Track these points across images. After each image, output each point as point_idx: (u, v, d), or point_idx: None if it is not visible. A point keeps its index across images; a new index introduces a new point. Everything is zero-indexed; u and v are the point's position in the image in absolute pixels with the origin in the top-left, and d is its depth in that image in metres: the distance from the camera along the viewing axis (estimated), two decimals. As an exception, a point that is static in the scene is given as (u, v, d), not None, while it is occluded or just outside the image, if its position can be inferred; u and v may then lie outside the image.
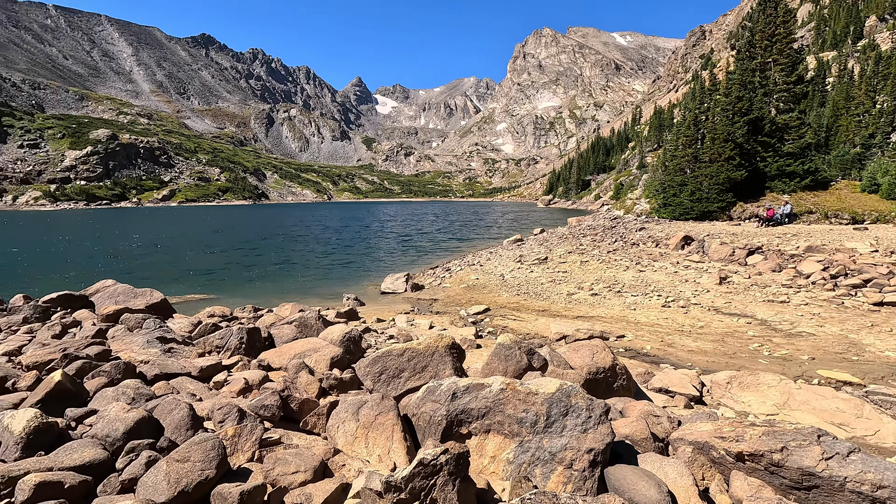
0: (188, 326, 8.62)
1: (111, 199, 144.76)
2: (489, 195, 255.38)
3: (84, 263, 24.68)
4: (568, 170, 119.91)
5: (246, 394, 5.23)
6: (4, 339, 7.50)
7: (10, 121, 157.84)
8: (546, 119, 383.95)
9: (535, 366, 5.12)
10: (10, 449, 3.44)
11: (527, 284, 15.92)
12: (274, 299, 15.04)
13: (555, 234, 31.66)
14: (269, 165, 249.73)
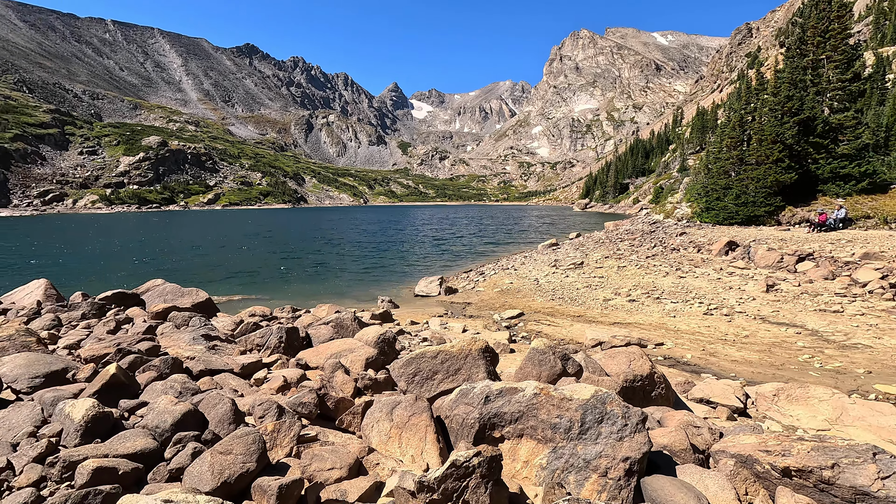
0: (231, 325, 8.96)
1: (161, 202, 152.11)
2: (524, 199, 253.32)
3: (135, 263, 26.03)
4: (605, 173, 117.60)
5: (284, 391, 5.39)
6: (65, 333, 8.01)
7: (72, 129, 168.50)
8: (583, 122, 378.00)
9: (570, 371, 5.06)
10: (71, 435, 3.68)
11: (562, 289, 15.71)
12: (311, 300, 15.42)
13: (591, 239, 31.09)
14: (308, 170, 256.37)
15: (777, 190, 28.37)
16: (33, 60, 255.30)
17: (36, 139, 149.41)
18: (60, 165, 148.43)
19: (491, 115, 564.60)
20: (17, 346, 6.19)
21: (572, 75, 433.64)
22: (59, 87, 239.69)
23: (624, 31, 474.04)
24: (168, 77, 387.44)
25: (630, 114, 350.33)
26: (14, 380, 5.04)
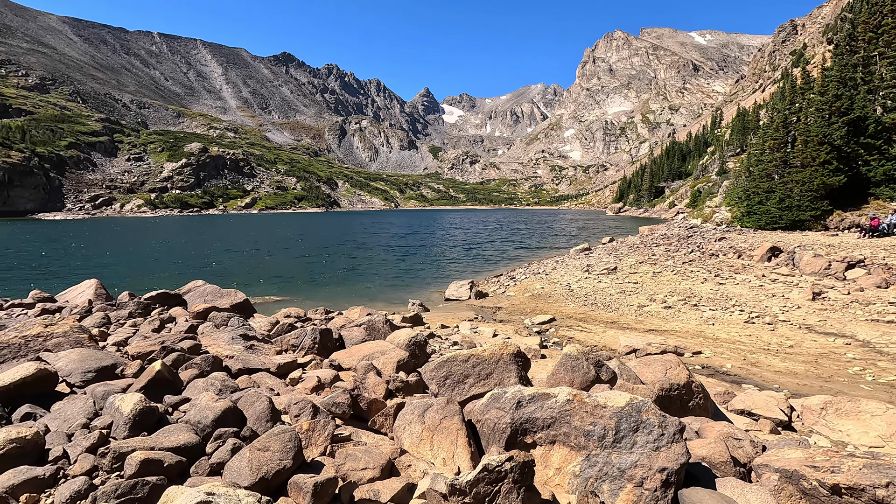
0: (267, 325, 9.21)
1: (201, 206, 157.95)
2: (555, 203, 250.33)
3: (177, 265, 27.11)
4: (640, 176, 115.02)
5: (318, 391, 5.51)
6: (114, 331, 8.42)
7: (121, 137, 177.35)
8: (616, 124, 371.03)
9: (604, 378, 4.97)
10: (120, 428, 3.87)
11: (594, 295, 15.44)
12: (344, 302, 15.68)
13: (625, 244, 30.44)
14: (341, 175, 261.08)
15: (824, 193, 27.09)
16: (86, 72, 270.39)
17: (88, 147, 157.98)
18: (110, 171, 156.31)
19: (522, 118, 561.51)
20: (72, 342, 6.55)
21: (606, 77, 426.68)
22: (110, 98, 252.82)
23: (660, 31, 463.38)
24: (209, 86, 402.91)
25: (666, 116, 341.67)
26: (69, 374, 5.34)
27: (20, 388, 4.57)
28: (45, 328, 6.79)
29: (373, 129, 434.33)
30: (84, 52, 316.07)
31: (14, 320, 8.88)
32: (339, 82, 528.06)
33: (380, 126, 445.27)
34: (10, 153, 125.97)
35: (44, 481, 3.30)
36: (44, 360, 5.59)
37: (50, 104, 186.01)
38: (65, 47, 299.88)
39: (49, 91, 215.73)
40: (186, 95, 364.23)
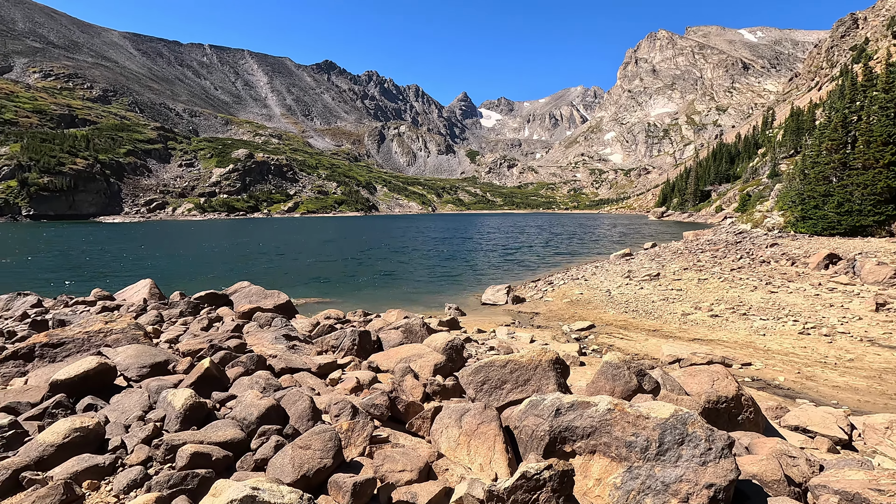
0: (308, 326, 9.45)
1: (246, 210, 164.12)
2: (595, 207, 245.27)
3: (224, 266, 28.25)
4: (684, 179, 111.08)
5: (357, 392, 5.60)
6: (166, 328, 8.86)
7: (174, 144, 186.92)
8: (659, 126, 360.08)
9: (646, 388, 4.82)
10: (172, 421, 4.07)
11: (636, 302, 15.01)
12: (381, 305, 15.90)
13: (668, 249, 29.46)
14: (380, 179, 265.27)
15: (889, 197, 25.34)
16: (144, 84, 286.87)
17: (144, 154, 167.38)
18: (163, 177, 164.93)
19: (561, 121, 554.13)
20: (128, 338, 6.94)
21: (648, 78, 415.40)
22: (164, 107, 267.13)
23: (706, 29, 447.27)
24: (255, 94, 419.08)
25: (713, 116, 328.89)
26: (126, 368, 5.65)
27: (83, 381, 4.88)
28: (105, 325, 7.22)
29: (411, 133, 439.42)
30: (142, 64, 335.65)
31: (78, 316, 9.49)
32: (379, 88, 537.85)
33: (418, 131, 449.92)
34: (77, 160, 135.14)
35: (104, 469, 3.50)
36: (104, 355, 5.95)
37: (111, 114, 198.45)
38: (125, 61, 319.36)
39: (111, 102, 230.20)
40: (234, 104, 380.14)
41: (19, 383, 5.72)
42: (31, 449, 3.61)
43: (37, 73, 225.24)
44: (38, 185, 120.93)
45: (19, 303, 11.13)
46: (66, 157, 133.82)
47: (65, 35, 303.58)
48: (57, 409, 4.45)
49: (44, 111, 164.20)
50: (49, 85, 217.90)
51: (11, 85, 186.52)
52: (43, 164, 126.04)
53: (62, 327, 7.94)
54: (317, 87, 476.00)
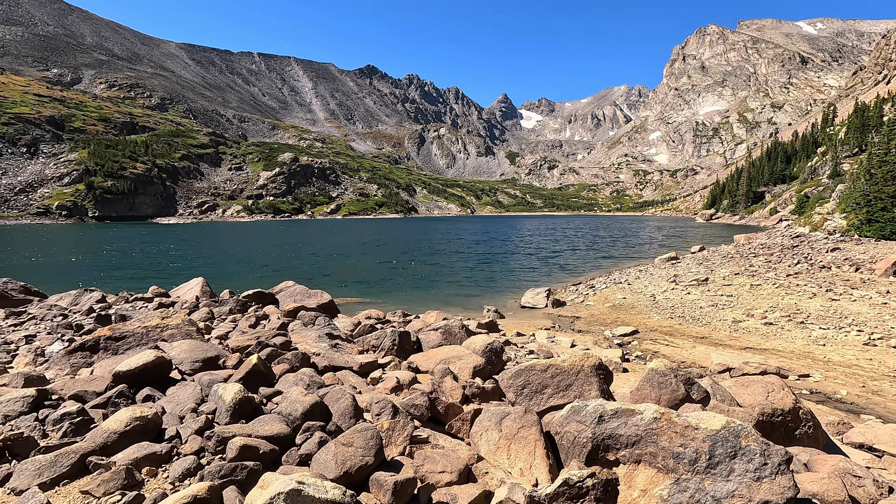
0: (350, 326, 9.65)
1: (291, 212, 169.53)
2: (639, 209, 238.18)
3: (270, 266, 29.26)
4: (735, 180, 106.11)
5: (397, 392, 5.67)
6: (217, 325, 9.27)
7: (224, 148, 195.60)
8: (708, 125, 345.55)
9: (695, 398, 4.63)
10: (223, 414, 4.25)
11: (682, 307, 14.47)
12: (420, 306, 16.02)
13: (717, 253, 28.21)
14: (419, 181, 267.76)
15: (968, 198, 23.31)
16: (197, 91, 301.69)
17: (197, 158, 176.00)
18: (214, 180, 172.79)
19: (604, 121, 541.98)
20: (182, 333, 7.30)
21: (697, 75, 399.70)
22: (216, 113, 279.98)
23: (760, 22, 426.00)
24: (300, 100, 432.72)
25: (767, 114, 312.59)
26: (180, 362, 5.95)
27: (142, 373, 5.18)
28: (161, 320, 7.64)
29: (450, 136, 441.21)
30: (196, 73, 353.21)
31: (137, 312, 10.07)
32: (419, 92, 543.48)
33: (457, 133, 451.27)
34: (137, 165, 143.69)
35: (161, 457, 3.70)
36: (161, 349, 6.29)
37: (168, 121, 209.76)
38: (181, 70, 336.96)
39: (167, 109, 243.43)
40: (280, 109, 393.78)
41: (86, 373, 6.13)
42: (96, 435, 3.87)
43: (103, 84, 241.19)
44: (102, 188, 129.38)
45: (86, 298, 11.92)
46: (127, 161, 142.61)
47: (128, 47, 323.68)
48: (119, 399, 4.74)
49: (108, 119, 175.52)
50: (113, 94, 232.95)
51: (80, 95, 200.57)
52: (107, 168, 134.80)
53: (123, 322, 8.45)
54: (359, 92, 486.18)
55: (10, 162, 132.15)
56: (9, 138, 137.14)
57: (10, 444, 3.76)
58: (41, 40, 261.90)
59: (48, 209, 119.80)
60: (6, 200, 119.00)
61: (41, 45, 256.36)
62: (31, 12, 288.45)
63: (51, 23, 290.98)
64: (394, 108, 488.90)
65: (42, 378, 5.70)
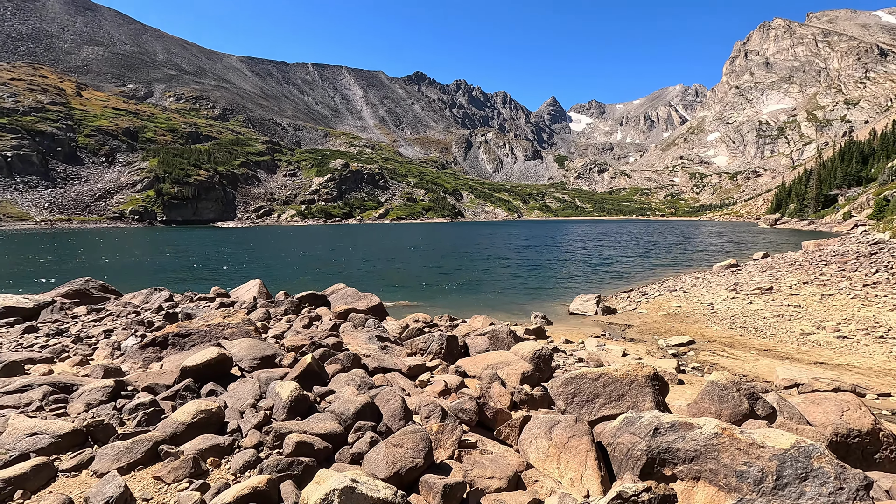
0: (398, 328, 9.81)
1: (342, 216, 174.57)
2: (695, 213, 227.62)
3: (322, 268, 30.23)
4: (803, 183, 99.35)
5: (445, 395, 5.70)
6: (273, 325, 9.68)
7: (280, 156, 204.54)
8: (773, 124, 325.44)
9: (759, 414, 4.38)
10: (280, 411, 4.44)
11: (743, 317, 13.68)
12: (466, 310, 16.03)
13: (783, 261, 26.49)
14: (466, 186, 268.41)
15: None
16: (255, 101, 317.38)
17: (255, 165, 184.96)
18: (270, 186, 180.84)
19: (658, 123, 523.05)
20: (242, 332, 7.68)
21: (760, 72, 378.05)
22: (272, 122, 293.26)
23: (832, 13, 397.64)
24: (351, 107, 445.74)
25: (840, 111, 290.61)
26: (240, 359, 6.27)
27: (206, 368, 5.49)
28: (223, 319, 8.07)
29: (497, 140, 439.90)
30: (255, 84, 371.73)
31: (200, 311, 10.69)
32: (467, 97, 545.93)
33: (504, 137, 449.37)
34: (200, 172, 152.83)
35: (224, 449, 3.91)
36: (222, 347, 6.64)
37: (229, 130, 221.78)
38: (241, 82, 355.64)
39: (228, 119, 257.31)
40: (332, 117, 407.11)
41: (156, 367, 6.57)
42: (166, 425, 4.14)
43: (171, 97, 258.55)
44: (170, 194, 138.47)
45: (155, 297, 12.78)
46: (192, 169, 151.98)
47: (194, 62, 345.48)
48: (186, 392, 5.05)
49: (176, 129, 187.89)
50: (180, 106, 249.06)
51: (152, 108, 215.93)
52: (174, 176, 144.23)
53: (189, 320, 9.00)
54: (407, 98, 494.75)
55: (90, 170, 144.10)
56: (90, 149, 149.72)
57: (92, 429, 4.09)
58: (119, 58, 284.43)
59: (123, 214, 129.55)
60: (87, 206, 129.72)
61: (119, 63, 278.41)
62: (111, 33, 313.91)
63: (127, 42, 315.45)
64: (441, 114, 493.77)
65: (119, 370, 6.16)
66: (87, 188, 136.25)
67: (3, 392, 4.96)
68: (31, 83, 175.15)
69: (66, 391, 5.12)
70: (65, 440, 3.91)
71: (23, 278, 24.52)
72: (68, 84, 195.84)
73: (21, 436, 3.89)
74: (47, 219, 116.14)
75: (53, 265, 31.95)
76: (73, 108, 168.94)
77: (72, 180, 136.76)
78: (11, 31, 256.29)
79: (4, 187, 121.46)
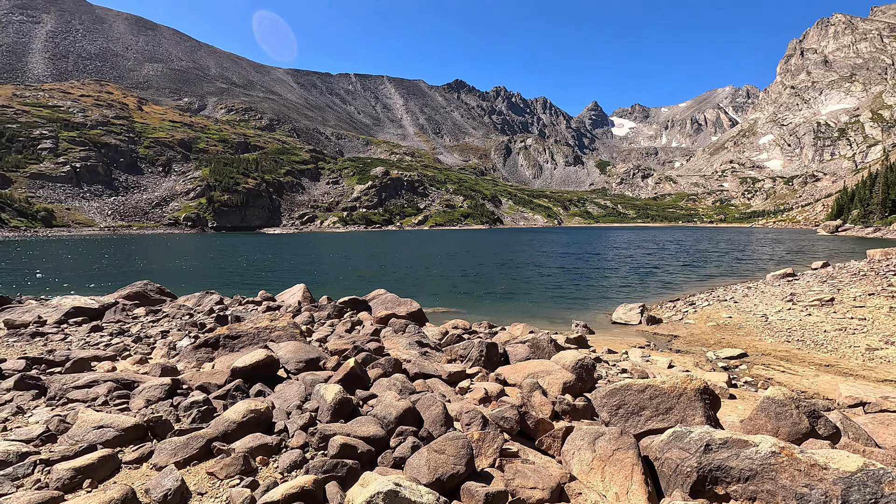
0: (437, 334, 9.86)
1: (381, 223, 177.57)
2: (747, 220, 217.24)
3: (363, 274, 30.80)
4: (868, 187, 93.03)
5: (485, 403, 5.68)
6: (317, 329, 9.94)
7: (323, 164, 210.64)
8: (833, 126, 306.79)
9: (821, 433, 4.12)
10: (324, 413, 4.55)
11: (801, 330, 12.92)
12: (505, 318, 15.91)
13: (845, 270, 24.84)
14: (505, 192, 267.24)
15: None
16: (301, 112, 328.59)
17: (299, 173, 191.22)
18: (313, 193, 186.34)
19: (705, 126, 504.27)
20: (288, 335, 7.92)
21: (818, 71, 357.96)
22: (316, 132, 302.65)
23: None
24: (392, 116, 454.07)
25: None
26: (286, 362, 6.47)
27: (255, 369, 5.71)
28: (270, 322, 8.36)
29: (537, 146, 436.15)
30: (300, 95, 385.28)
31: (249, 314, 11.11)
32: (506, 103, 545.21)
33: (544, 143, 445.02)
34: (248, 181, 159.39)
35: (271, 448, 4.05)
36: (270, 349, 6.88)
37: (275, 140, 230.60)
38: (287, 93, 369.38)
39: (275, 129, 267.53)
40: (373, 126, 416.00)
41: (208, 367, 6.88)
42: (219, 423, 4.32)
43: (223, 109, 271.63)
44: (220, 201, 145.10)
45: (207, 300, 13.40)
46: (240, 177, 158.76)
47: (244, 75, 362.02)
48: (236, 392, 5.26)
49: (226, 140, 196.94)
50: (231, 118, 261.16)
51: (205, 120, 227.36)
52: (224, 184, 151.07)
53: (238, 322, 9.37)
54: (447, 106, 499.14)
55: (149, 179, 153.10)
56: (149, 159, 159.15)
57: (151, 424, 4.33)
58: (176, 73, 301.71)
59: (177, 220, 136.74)
60: (146, 213, 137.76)
61: (176, 78, 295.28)
62: (169, 50, 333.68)
63: (184, 58, 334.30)
64: (480, 121, 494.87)
65: (174, 369, 6.50)
66: (146, 196, 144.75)
67: (73, 387, 5.33)
68: (98, 99, 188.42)
69: (128, 387, 5.44)
70: (127, 434, 4.16)
71: (90, 279, 26.28)
72: (131, 99, 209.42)
73: (89, 428, 4.16)
74: (110, 225, 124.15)
75: (115, 268, 34.09)
76: (134, 121, 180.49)
77: (132, 189, 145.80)
78: (82, 51, 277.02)
79: (74, 196, 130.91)
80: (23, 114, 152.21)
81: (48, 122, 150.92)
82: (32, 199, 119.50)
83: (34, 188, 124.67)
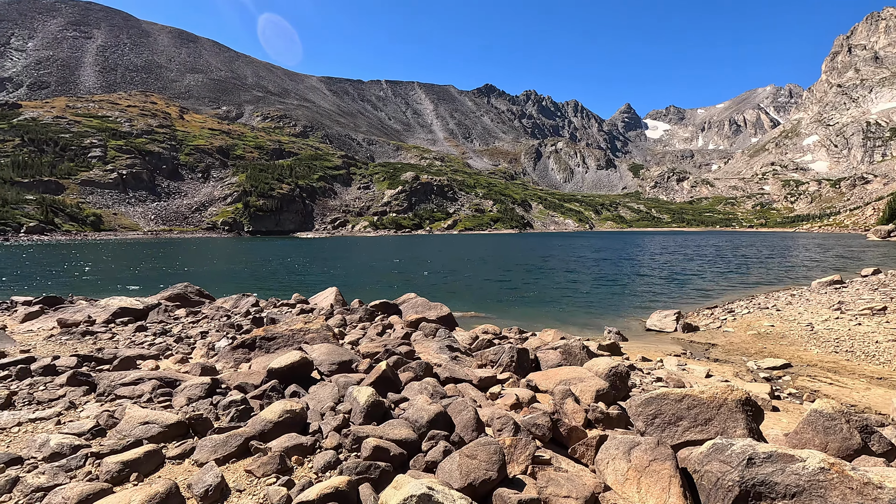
0: (468, 339, 9.85)
1: (411, 227, 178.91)
2: (790, 224, 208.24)
3: (393, 277, 31.09)
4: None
5: (517, 409, 5.63)
6: (349, 331, 10.10)
7: (355, 169, 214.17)
8: (884, 125, 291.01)
9: (875, 450, 3.90)
10: (357, 415, 4.61)
11: (850, 340, 12.27)
12: (536, 323, 15.73)
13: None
14: (535, 196, 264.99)
15: None
16: (333, 119, 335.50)
17: (331, 178, 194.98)
18: (345, 198, 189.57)
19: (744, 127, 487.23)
20: (321, 337, 8.08)
21: (867, 68, 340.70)
22: (348, 138, 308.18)
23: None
24: (422, 121, 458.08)
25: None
26: (320, 363, 6.59)
27: (290, 371, 5.84)
28: (304, 324, 8.54)
29: (568, 149, 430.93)
30: (332, 102, 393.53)
31: (283, 316, 11.39)
32: (537, 107, 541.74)
33: (576, 146, 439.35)
34: (283, 186, 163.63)
35: (306, 448, 4.13)
36: (304, 351, 7.03)
37: (309, 146, 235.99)
38: (320, 100, 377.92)
39: (308, 136, 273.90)
40: (404, 131, 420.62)
41: (245, 367, 7.08)
42: (256, 422, 4.44)
43: (258, 117, 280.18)
44: (255, 206, 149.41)
45: (243, 302, 13.81)
46: (275, 183, 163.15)
47: (279, 84, 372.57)
48: (272, 392, 5.40)
49: (262, 147, 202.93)
50: (266, 125, 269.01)
51: (242, 127, 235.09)
52: (259, 189, 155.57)
53: (273, 324, 9.62)
54: (477, 111, 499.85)
55: (189, 185, 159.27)
56: (189, 166, 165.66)
57: (193, 422, 4.49)
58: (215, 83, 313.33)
59: (215, 224, 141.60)
60: (185, 217, 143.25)
61: (215, 88, 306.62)
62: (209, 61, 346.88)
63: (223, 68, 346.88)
64: (510, 125, 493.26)
65: (213, 368, 6.72)
66: (186, 202, 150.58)
67: (121, 384, 5.59)
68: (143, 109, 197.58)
69: (170, 386, 5.66)
70: (171, 430, 4.33)
71: (134, 281, 27.49)
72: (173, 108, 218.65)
73: (136, 424, 4.35)
74: (153, 229, 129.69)
75: (157, 271, 35.55)
76: (176, 129, 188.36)
77: (174, 195, 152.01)
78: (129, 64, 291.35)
79: (120, 201, 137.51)
80: (75, 124, 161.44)
81: (98, 131, 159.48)
82: (83, 204, 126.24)
83: (84, 194, 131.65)
